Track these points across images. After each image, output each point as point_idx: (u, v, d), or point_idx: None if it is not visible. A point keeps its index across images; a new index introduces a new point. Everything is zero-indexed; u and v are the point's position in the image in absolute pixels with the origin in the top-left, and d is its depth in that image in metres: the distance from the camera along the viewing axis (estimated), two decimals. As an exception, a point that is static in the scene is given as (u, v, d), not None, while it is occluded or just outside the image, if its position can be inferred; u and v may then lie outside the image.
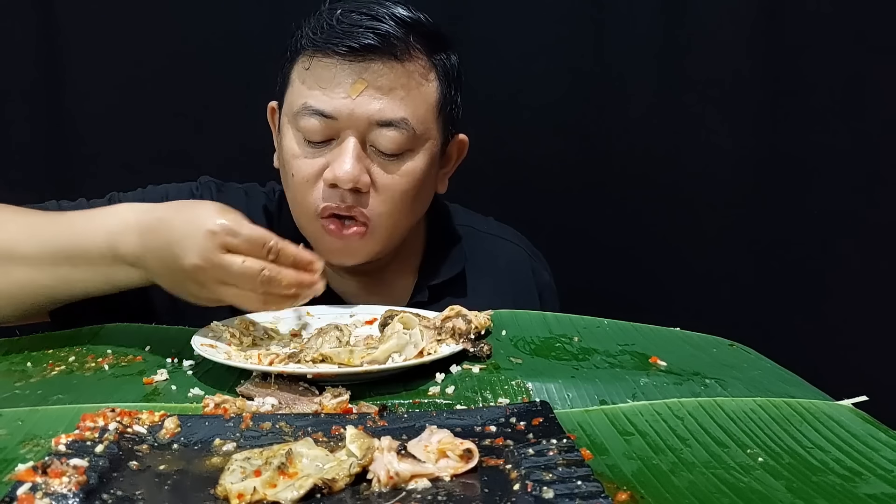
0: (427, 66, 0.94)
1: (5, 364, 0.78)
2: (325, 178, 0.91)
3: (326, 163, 0.92)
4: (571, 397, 0.68)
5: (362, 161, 0.91)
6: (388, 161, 0.93)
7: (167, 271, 0.77)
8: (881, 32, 1.43)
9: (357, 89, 0.90)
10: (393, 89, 0.91)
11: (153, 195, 1.01)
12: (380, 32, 0.90)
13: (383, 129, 0.91)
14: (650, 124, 1.48)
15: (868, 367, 1.38)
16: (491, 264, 1.08)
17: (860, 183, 1.46)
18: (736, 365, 0.78)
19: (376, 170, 0.92)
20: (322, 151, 0.92)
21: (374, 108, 0.90)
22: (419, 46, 0.93)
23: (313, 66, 0.92)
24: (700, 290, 1.48)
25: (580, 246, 1.45)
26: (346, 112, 0.90)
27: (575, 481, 0.48)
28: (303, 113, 0.91)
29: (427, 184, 0.98)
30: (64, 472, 0.49)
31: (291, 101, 0.94)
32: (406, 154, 0.93)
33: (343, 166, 0.89)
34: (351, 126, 0.90)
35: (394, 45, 0.90)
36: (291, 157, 0.94)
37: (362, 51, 0.89)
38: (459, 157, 1.05)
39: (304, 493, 0.48)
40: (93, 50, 1.41)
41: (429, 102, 0.94)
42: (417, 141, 0.93)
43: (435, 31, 0.95)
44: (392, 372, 0.72)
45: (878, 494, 0.50)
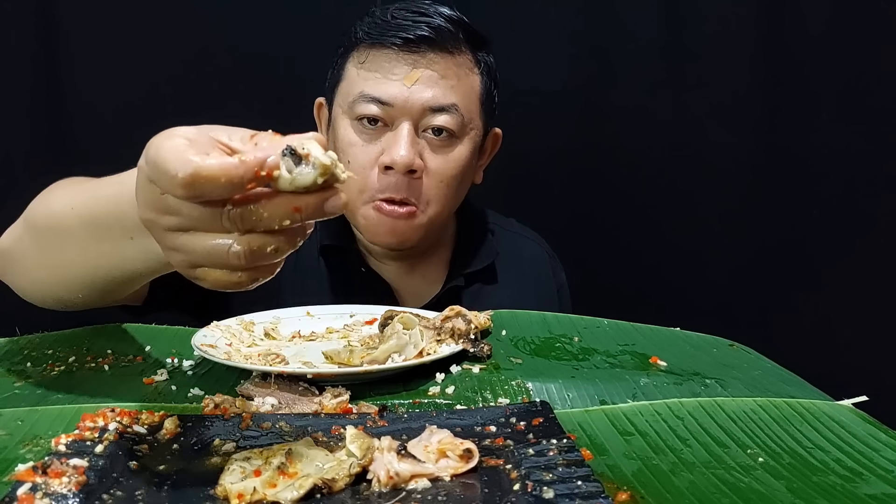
0: (472, 60, 1.02)
1: (5, 364, 0.78)
2: (382, 162, 0.97)
3: (382, 150, 0.97)
4: (571, 397, 0.68)
5: (416, 146, 0.97)
6: (438, 147, 0.99)
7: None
8: (881, 32, 1.43)
9: (413, 77, 0.96)
10: (444, 77, 0.98)
11: None
12: (433, 26, 0.97)
13: (436, 115, 0.97)
14: (650, 124, 1.49)
15: (868, 367, 1.38)
16: (516, 261, 1.15)
17: (860, 183, 1.46)
18: (736, 365, 0.78)
19: (427, 154, 0.99)
20: (377, 138, 0.98)
21: (428, 95, 0.97)
22: (465, 42, 1.00)
23: (370, 59, 0.98)
24: (700, 290, 1.48)
25: (580, 246, 1.45)
26: (401, 99, 0.96)
27: (575, 481, 0.48)
28: (360, 101, 0.98)
29: (469, 171, 1.05)
30: (64, 472, 0.49)
31: (347, 92, 1.00)
32: (454, 141, 1.00)
33: (399, 150, 0.95)
34: (406, 113, 0.97)
35: (445, 37, 0.98)
36: (348, 145, 0.99)
37: (417, 42, 0.96)
38: (494, 150, 1.12)
39: (303, 493, 0.48)
40: (92, 51, 1.41)
41: (474, 93, 1.02)
42: (464, 129, 1.00)
43: (477, 30, 1.03)
44: (392, 372, 0.72)
45: (878, 494, 0.50)
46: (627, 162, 1.50)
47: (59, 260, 0.74)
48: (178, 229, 0.52)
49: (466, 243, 1.13)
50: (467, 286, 1.09)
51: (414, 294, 1.09)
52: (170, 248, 0.53)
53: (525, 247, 1.18)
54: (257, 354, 0.76)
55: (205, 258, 0.51)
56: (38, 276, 0.78)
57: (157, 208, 0.52)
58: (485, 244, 1.13)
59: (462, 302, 1.05)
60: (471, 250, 1.12)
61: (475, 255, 1.12)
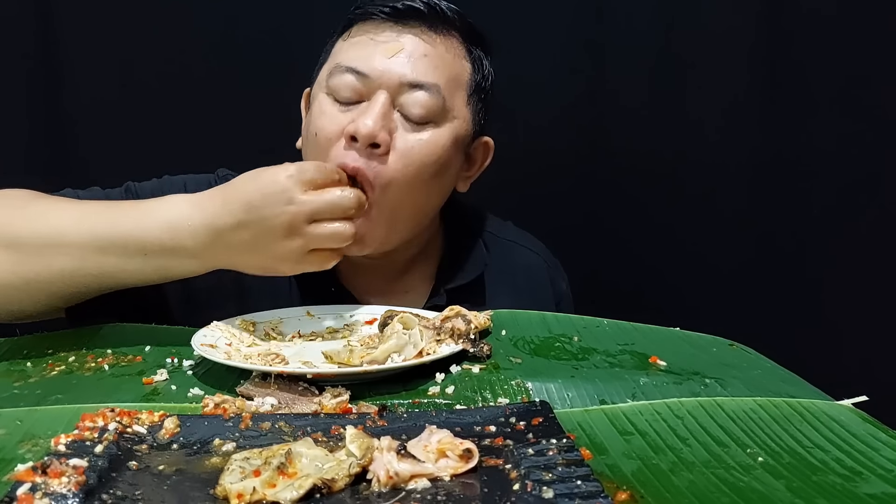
0: (462, 47, 0.97)
1: (5, 364, 0.78)
2: (346, 131, 0.89)
3: (352, 120, 0.90)
4: (571, 397, 0.68)
5: (387, 120, 0.90)
6: (412, 127, 0.91)
7: (252, 241, 0.79)
8: (881, 32, 1.43)
9: (393, 49, 0.91)
10: (427, 55, 0.93)
11: (171, 185, 1.00)
12: (425, 1, 0.94)
13: (413, 91, 0.91)
14: (650, 124, 1.48)
15: (868, 367, 1.38)
16: (509, 272, 1.07)
17: (860, 183, 1.46)
18: (736, 365, 0.78)
19: (399, 133, 0.91)
20: (350, 111, 0.91)
21: (408, 68, 0.91)
22: (457, 28, 0.96)
23: (354, 32, 0.95)
24: (700, 290, 1.48)
25: (580, 246, 1.45)
26: (379, 69, 0.91)
27: (575, 481, 0.48)
28: (336, 71, 0.93)
29: (447, 167, 0.95)
30: (63, 472, 0.49)
31: (328, 67, 0.96)
32: (430, 124, 0.92)
33: (366, 120, 0.88)
34: (382, 86, 0.91)
35: (435, 14, 0.94)
36: (318, 117, 0.93)
37: (405, 12, 0.93)
38: (484, 162, 1.05)
39: (303, 493, 0.48)
40: (91, 50, 1.41)
41: (460, 80, 0.96)
42: (444, 113, 0.93)
43: (473, 25, 0.99)
44: (392, 372, 0.72)
45: (878, 494, 0.50)
46: (627, 162, 1.50)
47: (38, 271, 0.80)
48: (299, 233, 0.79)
49: (455, 252, 1.05)
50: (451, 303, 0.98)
51: None
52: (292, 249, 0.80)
53: (520, 256, 1.10)
54: (257, 354, 0.76)
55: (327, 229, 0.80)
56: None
57: (280, 231, 0.78)
58: (473, 255, 1.05)
59: None
60: (459, 261, 1.04)
61: (461, 268, 1.04)
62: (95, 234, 0.79)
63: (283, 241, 0.79)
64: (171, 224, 0.79)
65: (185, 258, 0.80)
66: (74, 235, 0.79)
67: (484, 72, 1.00)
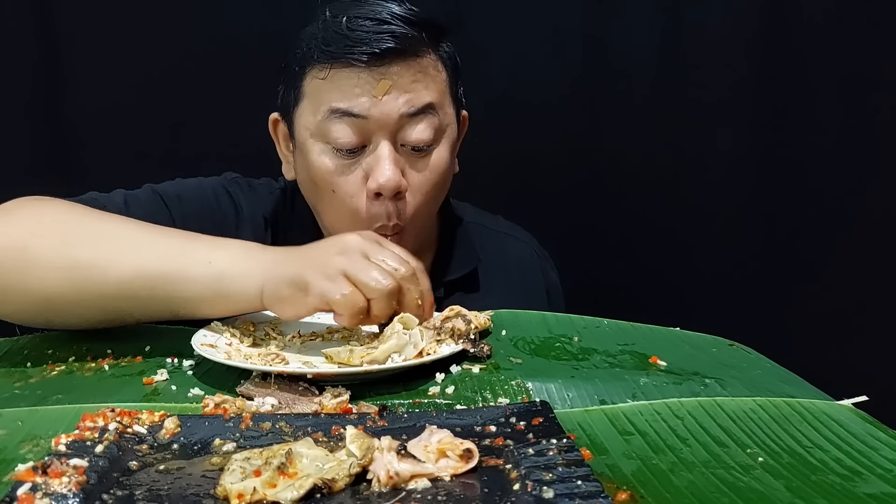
0: (435, 57, 0.96)
1: (5, 364, 0.78)
2: (370, 189, 0.92)
3: (364, 173, 0.92)
4: (571, 397, 0.68)
5: (398, 164, 0.92)
6: (418, 158, 0.94)
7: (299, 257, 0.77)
8: (881, 32, 1.43)
9: (383, 88, 0.90)
10: (415, 82, 0.92)
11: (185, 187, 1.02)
12: (396, 35, 0.91)
13: (413, 121, 0.92)
14: (650, 124, 1.49)
15: (868, 367, 1.38)
16: (502, 262, 1.10)
17: (860, 182, 1.46)
18: (736, 365, 0.78)
19: (409, 171, 0.94)
20: (357, 161, 0.93)
21: (402, 101, 0.91)
22: (427, 41, 0.94)
23: (332, 77, 0.92)
24: (700, 290, 1.48)
25: (580, 245, 1.45)
26: (376, 111, 0.91)
27: (575, 481, 0.48)
28: (331, 117, 0.91)
29: (449, 171, 1.00)
30: (64, 473, 0.49)
31: (313, 111, 0.93)
32: (433, 146, 0.95)
33: (385, 172, 0.90)
34: (382, 126, 0.91)
35: (409, 44, 0.92)
36: (326, 172, 0.93)
37: (382, 55, 0.90)
38: (463, 134, 1.06)
39: (303, 493, 0.48)
40: (92, 53, 1.41)
41: (443, 91, 0.97)
42: (441, 129, 0.96)
43: (432, 21, 0.96)
44: (392, 372, 0.72)
45: (877, 494, 0.50)
46: (626, 162, 1.50)
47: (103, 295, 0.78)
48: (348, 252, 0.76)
49: (449, 247, 1.07)
50: (447, 295, 1.03)
51: None
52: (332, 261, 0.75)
53: (511, 247, 1.12)
54: (257, 354, 0.76)
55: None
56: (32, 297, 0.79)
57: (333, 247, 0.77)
58: (467, 248, 1.08)
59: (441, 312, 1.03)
60: (452, 256, 1.06)
61: (456, 261, 1.06)
62: (160, 279, 0.77)
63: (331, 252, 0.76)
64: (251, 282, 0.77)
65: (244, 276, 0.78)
66: (151, 269, 0.77)
67: (454, 63, 1.00)
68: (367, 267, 0.75)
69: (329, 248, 0.77)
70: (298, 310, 0.77)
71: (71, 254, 0.77)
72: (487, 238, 1.11)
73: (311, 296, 0.74)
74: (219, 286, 0.77)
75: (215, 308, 0.79)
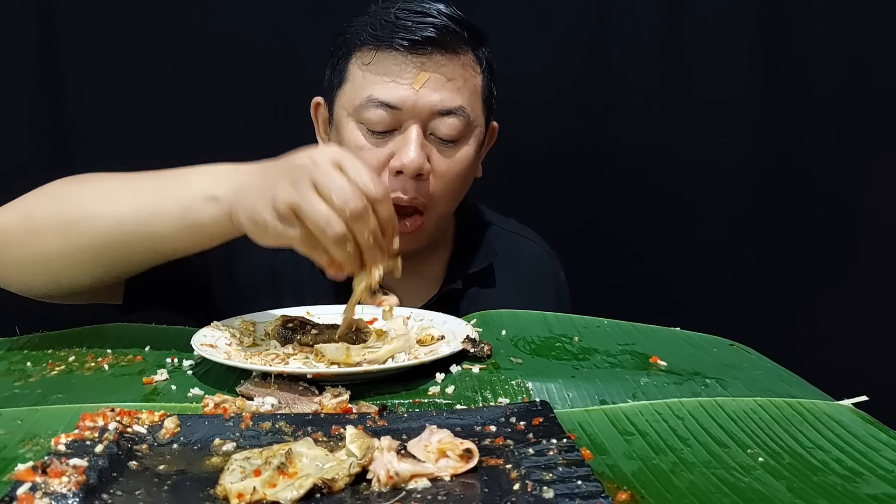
0: (474, 58, 1.01)
1: (5, 364, 0.78)
2: (392, 167, 0.97)
3: (390, 152, 0.97)
4: (572, 397, 0.68)
5: (425, 149, 0.97)
6: (445, 148, 0.99)
7: (262, 172, 0.75)
8: (882, 33, 1.43)
9: (421, 80, 0.95)
10: (451, 79, 0.97)
11: None
12: (438, 26, 0.96)
13: (444, 118, 0.97)
14: (651, 125, 1.48)
15: (868, 367, 1.38)
16: (515, 261, 1.13)
17: (861, 183, 1.46)
18: (736, 365, 0.78)
19: (435, 156, 0.98)
20: (385, 141, 0.98)
21: (436, 98, 0.96)
22: (468, 41, 0.99)
23: (376, 60, 0.97)
24: (701, 291, 1.48)
25: (580, 245, 1.45)
26: (410, 102, 0.96)
27: (575, 481, 0.48)
28: (367, 104, 0.97)
29: (473, 170, 1.04)
30: (63, 472, 0.49)
31: (353, 95, 0.98)
32: (460, 141, 1.00)
33: (409, 154, 0.95)
34: (414, 116, 0.96)
35: (450, 38, 0.97)
36: (356, 148, 0.98)
37: (423, 43, 0.95)
38: (490, 143, 1.11)
39: (303, 493, 0.48)
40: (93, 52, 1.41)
41: (478, 92, 1.02)
42: (470, 128, 1.00)
43: (476, 27, 1.02)
44: (392, 372, 0.72)
45: (878, 495, 0.50)
46: (628, 162, 1.50)
47: (89, 240, 0.80)
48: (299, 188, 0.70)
49: (465, 244, 1.12)
50: (465, 288, 1.08)
51: (410, 296, 1.06)
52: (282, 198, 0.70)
53: (524, 247, 1.16)
54: (257, 354, 0.76)
55: None
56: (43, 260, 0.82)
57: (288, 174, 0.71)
58: (483, 245, 1.12)
59: (459, 304, 1.05)
60: (469, 251, 1.11)
61: (474, 256, 1.10)
62: (141, 205, 0.80)
63: (285, 182, 0.71)
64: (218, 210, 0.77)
65: (210, 203, 0.77)
66: (124, 209, 0.80)
67: (491, 70, 1.04)
68: (315, 210, 0.68)
69: (284, 176, 0.71)
70: (267, 244, 0.74)
71: (65, 212, 0.82)
72: (501, 238, 1.15)
73: (271, 237, 0.72)
74: (190, 218, 0.78)
75: (195, 239, 0.80)
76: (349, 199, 0.68)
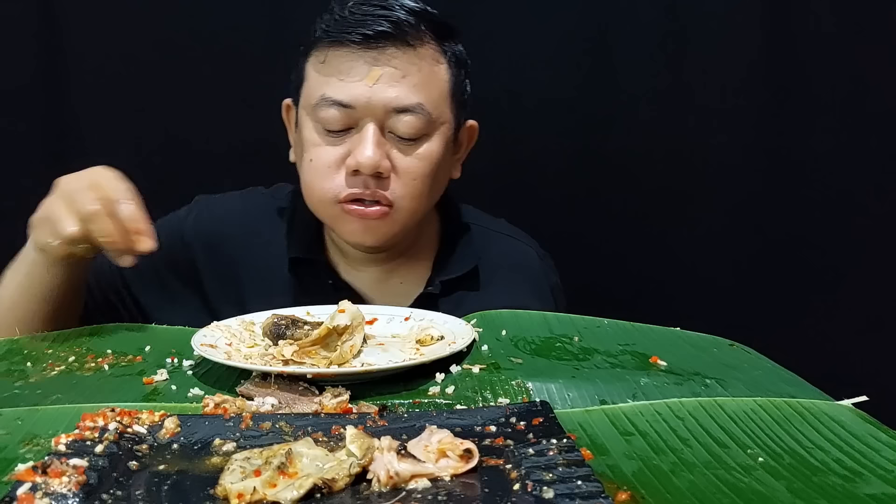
0: (438, 51, 0.98)
1: (5, 364, 0.78)
2: (348, 165, 0.95)
3: (347, 151, 0.95)
4: (572, 397, 0.68)
5: (382, 147, 0.95)
6: (406, 145, 0.96)
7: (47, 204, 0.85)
8: (882, 32, 1.43)
9: (374, 77, 0.93)
10: (407, 75, 0.94)
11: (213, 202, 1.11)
12: (392, 20, 0.93)
13: (401, 115, 0.94)
14: (652, 126, 1.48)
15: (868, 367, 1.38)
16: (503, 263, 1.10)
17: (861, 184, 1.46)
18: (736, 365, 0.78)
19: (395, 154, 0.96)
20: (342, 140, 0.96)
21: (391, 95, 0.93)
22: (429, 33, 0.96)
23: (329, 58, 0.95)
24: (700, 290, 1.48)
25: (581, 245, 1.45)
26: (363, 100, 0.93)
27: (575, 481, 0.48)
28: (321, 104, 0.95)
29: (443, 167, 1.01)
30: (64, 472, 0.49)
31: (309, 94, 0.97)
32: (422, 138, 0.97)
33: (364, 152, 0.93)
34: (369, 114, 0.94)
35: (406, 31, 0.94)
36: (311, 145, 0.97)
37: (376, 38, 0.93)
38: (470, 143, 1.08)
39: (304, 493, 0.48)
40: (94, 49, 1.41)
41: (441, 87, 0.98)
42: (433, 125, 0.97)
43: (442, 19, 0.99)
44: (392, 372, 0.72)
45: (878, 495, 0.50)
46: (628, 162, 1.50)
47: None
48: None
49: (450, 246, 1.08)
50: (447, 294, 1.04)
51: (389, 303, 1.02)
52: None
53: (514, 249, 1.13)
54: (257, 354, 0.76)
55: None
56: None
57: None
58: (467, 248, 1.08)
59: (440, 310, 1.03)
60: (454, 254, 1.08)
61: (456, 260, 1.07)
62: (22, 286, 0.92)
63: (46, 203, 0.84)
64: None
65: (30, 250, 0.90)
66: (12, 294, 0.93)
67: (461, 63, 1.01)
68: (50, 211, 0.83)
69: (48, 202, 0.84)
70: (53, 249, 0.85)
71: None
72: (490, 240, 1.11)
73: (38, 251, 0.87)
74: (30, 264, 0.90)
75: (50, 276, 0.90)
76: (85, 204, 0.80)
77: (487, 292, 1.06)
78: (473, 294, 1.06)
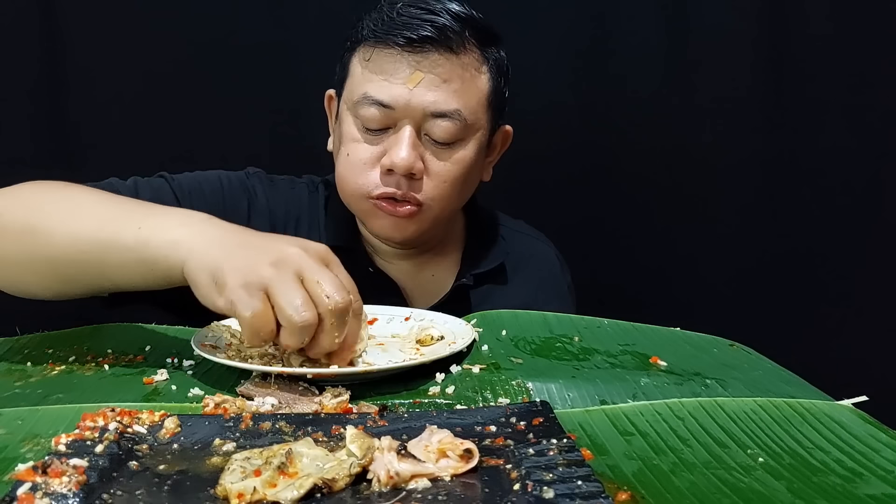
0: (480, 58, 0.99)
1: (5, 364, 0.78)
2: (383, 164, 0.96)
3: (383, 150, 0.97)
4: (572, 397, 0.68)
5: (417, 149, 0.96)
6: (440, 149, 0.98)
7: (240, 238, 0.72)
8: (882, 32, 1.43)
9: (415, 80, 0.94)
10: (448, 81, 0.95)
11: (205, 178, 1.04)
12: (437, 25, 0.95)
13: (437, 120, 0.96)
14: (654, 125, 1.49)
15: (868, 367, 1.38)
16: (525, 262, 1.14)
17: (862, 184, 1.46)
18: (736, 365, 0.78)
19: (429, 157, 0.98)
20: (380, 138, 0.97)
21: (430, 99, 0.95)
22: (473, 40, 0.98)
23: (374, 57, 0.97)
24: (701, 291, 1.48)
25: (581, 245, 1.45)
26: (403, 102, 0.95)
27: (575, 481, 0.48)
28: (363, 102, 0.96)
29: (475, 171, 1.03)
30: (64, 472, 0.49)
31: (352, 90, 0.99)
32: (457, 143, 0.98)
33: (400, 153, 0.95)
34: (407, 115, 0.95)
35: (450, 37, 0.95)
36: (350, 140, 0.99)
37: (420, 42, 0.94)
38: (504, 147, 1.10)
39: (304, 493, 0.48)
40: (96, 49, 1.41)
41: (480, 94, 0.99)
42: (468, 131, 0.98)
43: (487, 26, 1.00)
44: (392, 372, 0.72)
45: (878, 495, 0.50)
46: (630, 163, 1.50)
47: (50, 257, 0.77)
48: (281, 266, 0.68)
49: (477, 243, 1.12)
50: (477, 286, 1.08)
51: (423, 293, 1.08)
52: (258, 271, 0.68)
53: (536, 248, 1.17)
54: (257, 354, 0.76)
55: None
56: (11, 269, 0.81)
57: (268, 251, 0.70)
58: (495, 244, 1.12)
59: (470, 302, 1.06)
60: (481, 250, 1.11)
61: (485, 255, 1.11)
62: (101, 228, 0.76)
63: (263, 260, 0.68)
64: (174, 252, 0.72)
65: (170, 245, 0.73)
66: (84, 228, 0.76)
67: (501, 70, 1.03)
68: (292, 290, 0.66)
69: (266, 253, 0.69)
70: (207, 303, 0.70)
71: (26, 219, 0.78)
72: (512, 238, 1.15)
73: (223, 299, 0.68)
74: (144, 253, 0.73)
75: (143, 275, 0.75)
76: (337, 293, 0.67)
77: (513, 288, 1.10)
78: (500, 288, 1.10)
